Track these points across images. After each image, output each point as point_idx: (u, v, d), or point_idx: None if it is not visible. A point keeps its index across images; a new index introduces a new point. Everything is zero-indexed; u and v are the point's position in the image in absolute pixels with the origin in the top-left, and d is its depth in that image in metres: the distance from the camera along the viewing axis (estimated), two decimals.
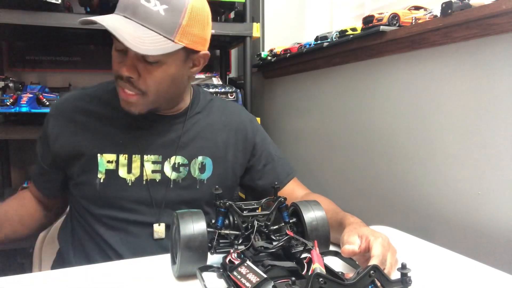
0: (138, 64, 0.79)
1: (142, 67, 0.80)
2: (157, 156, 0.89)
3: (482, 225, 0.93)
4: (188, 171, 0.91)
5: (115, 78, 0.84)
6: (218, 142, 0.95)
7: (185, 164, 0.91)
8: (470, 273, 0.71)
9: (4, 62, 1.94)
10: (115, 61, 0.83)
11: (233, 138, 0.97)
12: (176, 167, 0.90)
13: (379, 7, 1.54)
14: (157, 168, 0.89)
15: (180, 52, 0.81)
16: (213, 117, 0.97)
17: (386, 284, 0.50)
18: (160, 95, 0.84)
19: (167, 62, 0.80)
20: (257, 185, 1.01)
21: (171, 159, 0.90)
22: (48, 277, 0.70)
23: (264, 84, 2.11)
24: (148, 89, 0.81)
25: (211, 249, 0.66)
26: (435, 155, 1.06)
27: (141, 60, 0.79)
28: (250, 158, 1.00)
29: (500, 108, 0.89)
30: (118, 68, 0.81)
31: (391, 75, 1.21)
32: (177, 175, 0.90)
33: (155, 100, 0.84)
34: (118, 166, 0.87)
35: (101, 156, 0.87)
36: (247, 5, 1.72)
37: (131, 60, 0.79)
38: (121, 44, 0.75)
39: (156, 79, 0.81)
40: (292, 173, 1.03)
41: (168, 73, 0.82)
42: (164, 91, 0.84)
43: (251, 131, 1.00)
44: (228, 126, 0.98)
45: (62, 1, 1.43)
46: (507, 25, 0.84)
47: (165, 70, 0.81)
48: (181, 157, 0.91)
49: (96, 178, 0.86)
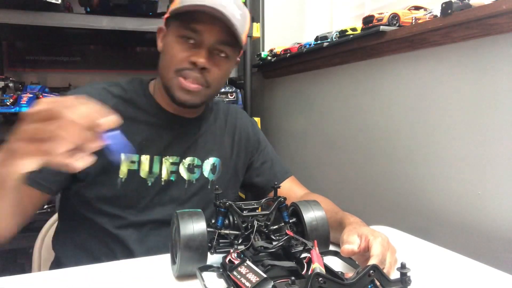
0: (211, 56, 0.84)
1: (215, 60, 0.85)
2: (175, 157, 0.91)
3: (482, 225, 0.93)
4: (201, 172, 0.94)
5: (177, 70, 0.84)
6: (225, 143, 1.00)
7: (199, 165, 0.94)
8: (470, 273, 0.71)
9: (4, 62, 1.94)
10: (183, 52, 0.83)
11: (237, 139, 1.02)
12: (191, 168, 0.93)
13: (379, 7, 1.54)
14: (174, 169, 0.91)
15: (238, 53, 0.91)
16: (220, 119, 1.02)
17: (386, 284, 0.50)
18: (217, 90, 0.91)
19: (232, 58, 0.88)
20: (255, 182, 1.04)
21: (186, 160, 0.93)
22: (48, 277, 0.70)
23: (264, 84, 2.11)
24: (213, 81, 0.86)
25: (211, 249, 0.66)
26: (435, 155, 1.06)
27: (215, 54, 0.84)
28: (250, 157, 1.04)
29: (500, 108, 0.89)
30: (191, 58, 0.82)
31: (391, 75, 1.21)
32: (191, 176, 0.93)
33: (212, 94, 0.90)
34: (139, 166, 0.88)
35: (125, 156, 0.87)
36: (247, 5, 1.72)
37: (207, 51, 0.83)
38: (200, 36, 0.81)
39: (222, 73, 0.87)
40: (290, 172, 1.06)
41: (229, 69, 0.90)
42: (220, 86, 0.92)
43: (252, 133, 1.06)
44: (232, 128, 1.02)
45: (62, 1, 1.43)
46: (507, 25, 0.84)
47: (229, 65, 0.89)
48: (195, 158, 0.94)
49: (117, 178, 0.86)
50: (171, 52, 0.84)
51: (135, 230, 0.88)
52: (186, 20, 0.82)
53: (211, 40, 0.82)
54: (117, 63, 2.04)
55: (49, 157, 0.52)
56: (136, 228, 0.88)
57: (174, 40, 0.84)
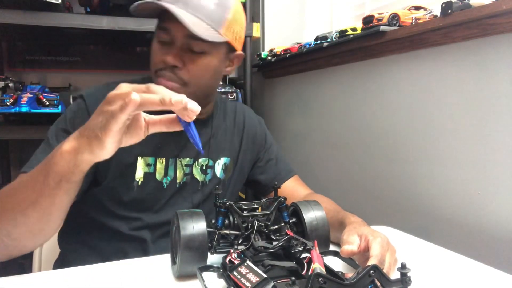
0: (184, 54, 0.81)
1: (187, 57, 0.82)
2: (189, 159, 0.92)
3: (482, 225, 0.93)
4: (213, 172, 0.95)
5: (155, 72, 0.84)
6: (234, 142, 1.00)
7: (211, 166, 0.95)
8: (470, 273, 0.71)
9: (4, 62, 1.94)
10: (158, 52, 0.83)
11: (245, 137, 1.02)
12: (204, 169, 0.94)
13: (379, 7, 1.54)
14: (188, 171, 0.91)
15: (223, 47, 0.85)
16: (229, 118, 1.02)
17: (386, 284, 0.50)
18: (199, 88, 0.85)
19: (211, 53, 0.83)
20: (259, 179, 1.05)
21: (199, 161, 0.93)
22: (48, 277, 0.70)
23: (264, 84, 2.11)
24: (190, 79, 0.83)
25: (211, 249, 0.66)
26: (435, 155, 1.06)
27: (187, 51, 0.81)
28: (256, 155, 1.05)
29: (500, 108, 0.89)
30: (162, 57, 0.81)
31: (391, 75, 1.21)
32: (204, 177, 0.94)
33: (195, 92, 0.84)
34: (155, 169, 0.88)
35: (141, 159, 0.87)
36: (247, 5, 1.72)
37: (177, 49, 0.81)
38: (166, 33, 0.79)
39: (199, 70, 0.83)
40: (293, 171, 1.06)
41: (210, 65, 0.84)
42: (203, 84, 0.85)
43: (259, 131, 1.06)
44: (241, 126, 1.03)
45: (62, 1, 1.43)
46: (507, 25, 0.84)
47: (209, 61, 0.83)
48: (208, 159, 0.94)
49: (134, 181, 0.86)
50: (152, 54, 0.84)
51: (150, 231, 0.88)
52: (160, 20, 0.82)
53: (179, 37, 0.80)
54: (117, 63, 2.04)
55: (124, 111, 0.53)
56: (151, 229, 0.88)
57: (154, 41, 0.84)
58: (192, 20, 0.77)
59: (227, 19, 0.82)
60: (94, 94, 0.88)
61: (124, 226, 0.87)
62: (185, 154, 0.91)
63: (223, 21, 0.81)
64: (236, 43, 0.87)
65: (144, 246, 0.88)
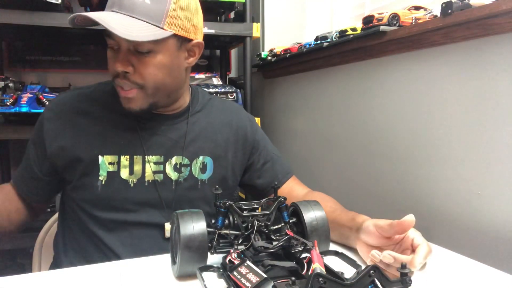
0: (131, 57, 0.79)
1: (135, 60, 0.79)
2: (158, 157, 0.88)
3: (482, 225, 0.93)
4: (190, 171, 0.91)
5: (113, 79, 0.83)
6: (218, 141, 0.95)
7: (187, 164, 0.91)
8: (470, 273, 0.71)
9: (4, 62, 1.94)
10: (110, 60, 0.83)
11: (233, 137, 0.97)
12: (178, 167, 0.90)
13: (379, 7, 1.54)
14: (159, 169, 0.88)
15: (172, 40, 0.81)
16: (213, 116, 0.97)
17: (386, 284, 0.50)
18: (158, 87, 0.83)
19: (160, 51, 0.80)
20: (256, 184, 1.01)
21: (172, 159, 0.90)
22: (47, 277, 0.70)
23: (264, 84, 2.11)
24: (145, 81, 0.81)
25: (211, 249, 0.66)
26: (435, 155, 1.06)
27: (134, 53, 0.79)
28: (249, 157, 1.00)
29: (500, 108, 0.89)
30: (112, 65, 0.81)
31: (391, 75, 1.21)
32: (178, 176, 0.90)
33: (154, 92, 0.83)
34: (119, 167, 0.86)
35: (102, 158, 0.85)
36: (247, 5, 1.72)
37: (123, 54, 0.79)
38: (113, 40, 0.77)
39: (151, 70, 0.80)
40: (291, 171, 1.03)
41: (162, 63, 0.81)
42: (161, 82, 0.83)
43: (250, 130, 1.01)
44: (228, 125, 0.98)
45: (62, 1, 1.43)
46: (507, 25, 0.84)
47: (159, 59, 0.80)
48: (182, 157, 0.90)
49: (97, 181, 0.85)
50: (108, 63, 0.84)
51: (122, 232, 0.86)
52: None
53: (122, 42, 0.78)
54: None
55: None
56: (123, 230, 0.86)
57: (108, 51, 0.83)
58: (126, 23, 0.74)
59: (168, 11, 0.78)
60: (55, 103, 0.91)
61: (96, 226, 0.86)
62: (153, 151, 0.88)
63: (164, 14, 0.77)
64: (187, 33, 0.82)
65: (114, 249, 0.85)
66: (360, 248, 0.73)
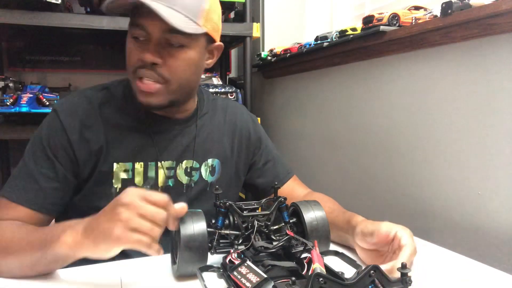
0: (162, 49, 0.77)
1: (166, 53, 0.78)
2: (171, 162, 0.88)
3: (482, 225, 0.93)
4: (199, 174, 0.91)
5: (133, 71, 0.80)
6: (224, 143, 0.95)
7: (196, 168, 0.91)
8: (470, 273, 0.71)
9: (4, 62, 1.94)
10: (134, 51, 0.79)
11: (238, 137, 0.98)
12: (188, 171, 0.90)
13: (379, 7, 1.54)
14: (171, 174, 0.88)
15: (203, 39, 0.81)
16: (218, 117, 0.97)
17: (386, 284, 0.50)
18: (182, 84, 0.82)
19: (191, 46, 0.79)
20: (257, 183, 1.01)
21: (183, 163, 0.89)
22: (47, 277, 0.70)
23: (264, 84, 2.11)
24: (172, 76, 0.79)
25: (211, 249, 0.66)
26: (435, 155, 1.06)
27: (165, 46, 0.77)
28: (252, 157, 1.01)
29: (500, 108, 0.89)
30: (140, 55, 0.77)
31: (391, 75, 1.21)
32: (189, 179, 0.90)
33: (177, 89, 0.81)
34: (134, 174, 0.85)
35: (117, 165, 0.83)
36: (247, 5, 1.72)
37: (155, 45, 0.77)
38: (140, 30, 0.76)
39: (180, 65, 0.79)
40: (292, 171, 1.04)
41: (192, 59, 0.81)
42: (186, 80, 0.82)
43: (253, 130, 1.01)
44: (233, 126, 0.98)
45: (62, 1, 1.43)
46: (507, 25, 0.84)
47: (190, 55, 0.80)
48: (192, 161, 0.90)
49: (112, 188, 0.83)
50: (127, 53, 0.80)
51: None
52: (133, 16, 0.78)
53: (156, 32, 0.76)
54: (117, 63, 2.04)
55: (143, 245, 0.59)
56: None
57: (128, 40, 0.81)
58: (169, 12, 0.73)
59: (204, 9, 0.78)
60: (68, 108, 0.84)
61: None
62: (166, 156, 0.87)
63: (201, 12, 0.78)
64: (215, 34, 0.83)
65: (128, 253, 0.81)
66: (357, 249, 0.74)
